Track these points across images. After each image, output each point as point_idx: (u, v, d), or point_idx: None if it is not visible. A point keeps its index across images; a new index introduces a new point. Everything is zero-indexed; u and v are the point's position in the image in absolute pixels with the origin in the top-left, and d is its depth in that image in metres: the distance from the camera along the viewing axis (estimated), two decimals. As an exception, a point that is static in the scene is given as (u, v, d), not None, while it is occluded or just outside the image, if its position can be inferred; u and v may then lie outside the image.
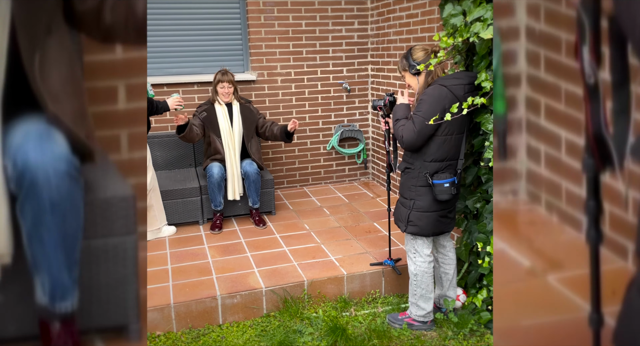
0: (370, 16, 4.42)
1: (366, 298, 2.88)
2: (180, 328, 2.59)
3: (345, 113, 4.61)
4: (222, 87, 3.55)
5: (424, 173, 2.31)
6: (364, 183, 4.72)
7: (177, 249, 3.25)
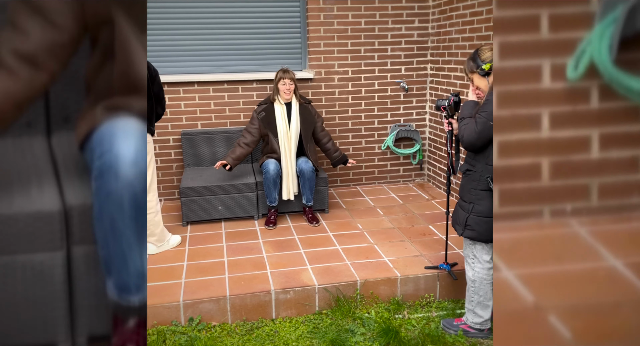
0: (432, 14, 4.33)
1: (420, 301, 2.83)
2: (235, 320, 2.65)
3: (402, 112, 4.55)
4: (284, 83, 3.57)
5: (486, 177, 2.23)
6: (419, 184, 4.63)
7: (233, 242, 3.32)
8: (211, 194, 3.64)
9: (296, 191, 3.67)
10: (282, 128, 3.61)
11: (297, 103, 3.67)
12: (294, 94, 3.64)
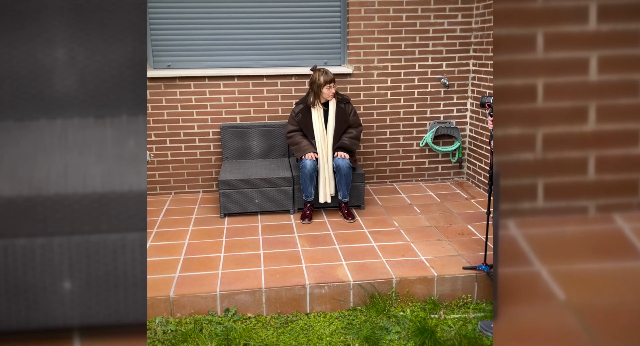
0: (476, 9, 4.21)
1: (457, 302, 2.77)
2: (269, 312, 2.67)
3: (442, 109, 4.46)
4: (329, 87, 3.51)
5: None
6: (458, 183, 4.53)
7: (268, 236, 3.35)
8: (249, 187, 3.68)
9: (333, 192, 3.66)
10: (318, 130, 3.60)
11: (335, 102, 3.64)
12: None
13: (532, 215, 1.73)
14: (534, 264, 1.67)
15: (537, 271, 1.66)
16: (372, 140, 4.45)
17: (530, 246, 1.69)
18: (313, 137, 3.62)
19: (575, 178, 1.73)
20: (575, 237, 1.73)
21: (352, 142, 3.64)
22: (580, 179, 1.73)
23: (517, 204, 1.74)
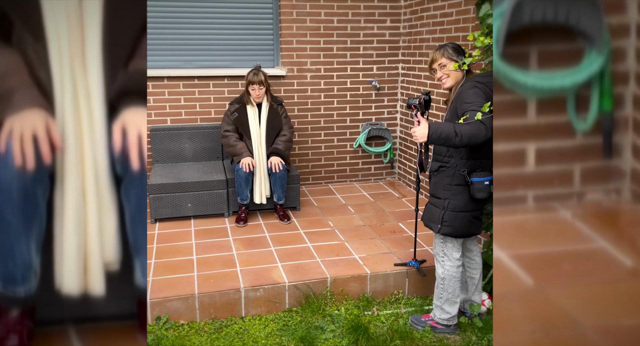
0: (403, 14, 4.38)
1: (389, 298, 2.86)
2: (203, 318, 2.62)
3: (374, 111, 4.58)
4: (253, 89, 3.53)
5: (461, 172, 2.27)
6: (390, 182, 4.68)
7: (202, 240, 3.28)
8: (181, 191, 3.58)
9: (268, 193, 3.65)
10: (254, 129, 3.58)
11: (268, 105, 3.63)
12: (265, 95, 3.61)
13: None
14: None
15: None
16: (307, 142, 4.49)
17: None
18: (249, 136, 3.59)
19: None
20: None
21: (286, 146, 3.63)
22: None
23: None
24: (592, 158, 2.00)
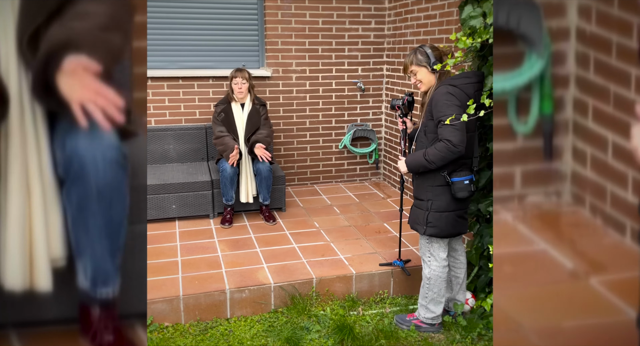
0: (388, 16, 4.41)
1: (374, 298, 2.88)
2: (188, 320, 2.60)
3: (359, 112, 4.60)
4: (236, 83, 3.53)
5: (442, 173, 2.29)
6: (375, 183, 4.71)
7: (187, 242, 3.26)
8: (165, 192, 3.55)
9: (254, 192, 3.64)
10: (240, 127, 3.57)
11: (250, 104, 3.62)
12: (248, 94, 3.61)
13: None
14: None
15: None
16: (293, 143, 4.49)
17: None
18: (237, 134, 3.57)
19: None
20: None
21: (266, 140, 3.58)
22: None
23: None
24: (532, 160, 2.04)
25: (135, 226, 1.70)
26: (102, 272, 1.57)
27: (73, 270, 1.62)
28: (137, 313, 1.77)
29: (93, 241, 1.54)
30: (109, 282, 1.59)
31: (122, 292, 1.66)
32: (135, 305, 1.74)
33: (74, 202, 1.52)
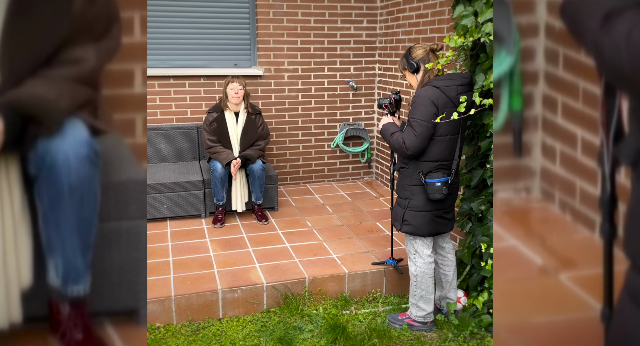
0: (380, 15, 4.41)
1: (367, 297, 2.88)
2: (180, 321, 2.58)
3: (351, 111, 4.60)
4: (232, 88, 3.49)
5: (418, 173, 2.31)
6: (367, 182, 4.71)
7: (178, 242, 3.24)
8: (156, 192, 3.53)
9: (247, 199, 3.63)
10: (234, 139, 3.55)
11: (245, 113, 3.59)
12: (243, 102, 3.58)
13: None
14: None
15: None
16: (285, 142, 4.48)
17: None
18: (229, 146, 3.55)
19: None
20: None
21: (257, 153, 3.57)
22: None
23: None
24: (502, 157, 2.05)
25: (108, 223, 1.69)
26: (73, 270, 1.57)
27: (42, 269, 1.61)
28: (108, 311, 1.76)
29: (64, 238, 1.53)
30: (80, 280, 1.59)
31: (93, 290, 1.65)
32: (107, 303, 1.74)
33: (45, 199, 1.51)
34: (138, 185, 1.70)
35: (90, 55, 1.57)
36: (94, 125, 1.61)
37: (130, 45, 1.91)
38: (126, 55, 1.88)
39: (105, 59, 1.63)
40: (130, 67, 1.93)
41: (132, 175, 1.71)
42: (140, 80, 1.94)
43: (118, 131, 1.92)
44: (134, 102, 1.94)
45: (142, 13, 1.93)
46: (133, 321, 1.76)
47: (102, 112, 1.70)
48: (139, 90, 1.98)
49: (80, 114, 1.58)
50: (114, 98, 1.92)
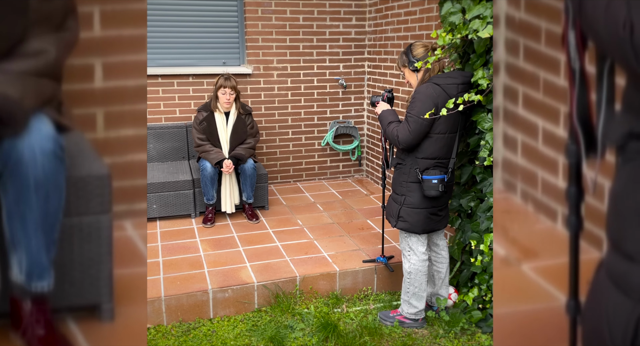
0: (368, 12, 4.40)
1: (358, 295, 2.88)
2: (170, 321, 2.57)
3: (341, 109, 4.60)
4: (224, 93, 3.45)
5: (415, 169, 2.31)
6: (358, 180, 4.71)
7: (168, 242, 3.22)
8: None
9: (237, 201, 3.61)
10: (223, 139, 3.53)
11: (236, 113, 3.56)
12: (234, 103, 3.55)
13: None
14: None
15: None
16: (275, 141, 4.47)
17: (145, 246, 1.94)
18: (219, 146, 3.53)
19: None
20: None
21: (248, 152, 3.56)
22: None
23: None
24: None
25: (69, 219, 1.69)
26: (37, 266, 1.55)
27: (4, 265, 1.59)
28: (70, 307, 1.76)
29: (29, 234, 1.52)
30: (44, 276, 1.57)
31: (54, 286, 1.64)
32: (68, 299, 1.73)
33: (11, 194, 1.50)
34: (99, 180, 1.69)
35: (50, 47, 1.55)
36: (59, 121, 1.59)
37: (90, 39, 1.90)
38: (84, 50, 1.88)
39: (65, 51, 1.61)
40: (90, 61, 1.93)
41: (92, 171, 1.70)
42: (100, 75, 1.93)
43: (80, 126, 1.90)
44: (95, 97, 1.94)
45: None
46: (96, 316, 1.76)
47: (65, 107, 1.69)
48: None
49: (45, 109, 1.57)
50: (73, 93, 1.91)
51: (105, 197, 1.70)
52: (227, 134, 3.54)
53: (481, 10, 2.10)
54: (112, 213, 1.74)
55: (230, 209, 3.59)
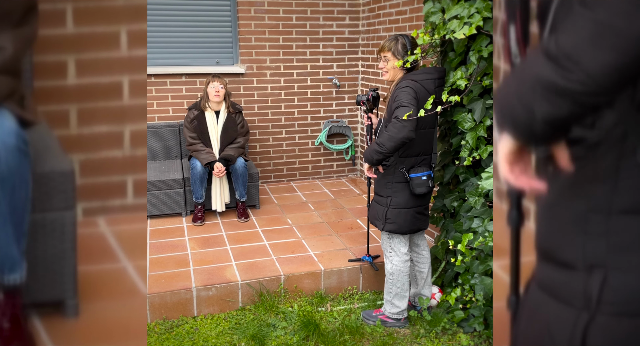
0: (362, 12, 4.40)
1: (343, 294, 2.88)
2: (154, 319, 2.59)
3: (335, 109, 4.60)
4: (214, 86, 3.48)
5: (400, 169, 2.31)
6: (352, 179, 4.71)
7: (157, 240, 3.25)
8: (136, 191, 3.52)
9: (228, 200, 3.63)
10: (214, 138, 3.55)
11: (226, 112, 3.58)
12: (224, 101, 3.57)
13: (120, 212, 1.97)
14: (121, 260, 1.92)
15: (124, 267, 1.91)
16: (268, 140, 4.48)
17: (118, 243, 1.94)
18: (209, 145, 3.55)
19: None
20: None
21: (237, 152, 3.57)
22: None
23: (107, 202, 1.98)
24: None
25: (33, 215, 1.69)
26: (9, 259, 1.57)
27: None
28: (33, 303, 1.77)
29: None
30: (16, 268, 1.59)
31: (27, 280, 1.66)
32: (32, 295, 1.74)
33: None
34: (62, 176, 1.70)
35: (7, 43, 1.57)
36: (21, 116, 1.61)
37: (62, 36, 1.92)
38: (55, 46, 1.90)
39: (24, 47, 1.62)
40: (64, 58, 1.95)
41: (56, 167, 1.71)
42: (74, 72, 1.95)
43: (49, 122, 1.92)
44: (68, 93, 1.96)
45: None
46: (60, 312, 1.77)
47: (28, 102, 1.70)
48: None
49: (6, 104, 1.58)
50: (45, 89, 1.93)
51: (69, 193, 1.71)
52: (218, 133, 3.56)
53: (459, 10, 2.09)
54: (75, 209, 1.75)
55: (221, 208, 3.61)
